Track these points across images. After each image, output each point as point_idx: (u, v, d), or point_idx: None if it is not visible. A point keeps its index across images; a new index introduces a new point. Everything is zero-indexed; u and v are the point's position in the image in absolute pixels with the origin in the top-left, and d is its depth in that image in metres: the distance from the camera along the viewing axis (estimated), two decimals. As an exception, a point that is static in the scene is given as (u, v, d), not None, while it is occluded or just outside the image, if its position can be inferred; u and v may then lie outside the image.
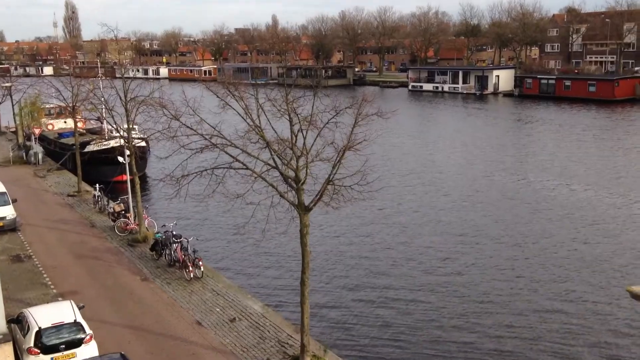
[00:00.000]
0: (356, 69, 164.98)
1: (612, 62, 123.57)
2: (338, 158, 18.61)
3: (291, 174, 18.79)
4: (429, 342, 23.13)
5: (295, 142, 18.72)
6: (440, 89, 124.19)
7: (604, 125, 76.53)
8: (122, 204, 35.16)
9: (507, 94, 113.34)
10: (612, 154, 58.89)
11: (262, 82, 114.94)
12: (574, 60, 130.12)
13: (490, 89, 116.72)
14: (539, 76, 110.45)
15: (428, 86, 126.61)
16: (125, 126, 32.55)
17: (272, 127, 19.11)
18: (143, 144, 42.45)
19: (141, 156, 44.88)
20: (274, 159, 18.68)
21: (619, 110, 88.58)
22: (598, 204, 40.83)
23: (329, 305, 26.50)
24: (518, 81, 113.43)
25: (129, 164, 32.54)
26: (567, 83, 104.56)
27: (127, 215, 34.17)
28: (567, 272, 29.49)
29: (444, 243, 34.07)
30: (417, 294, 27.43)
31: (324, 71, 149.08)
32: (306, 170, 18.62)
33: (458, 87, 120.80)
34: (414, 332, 23.95)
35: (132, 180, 33.03)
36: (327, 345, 21.03)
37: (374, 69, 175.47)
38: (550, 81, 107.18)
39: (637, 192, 43.26)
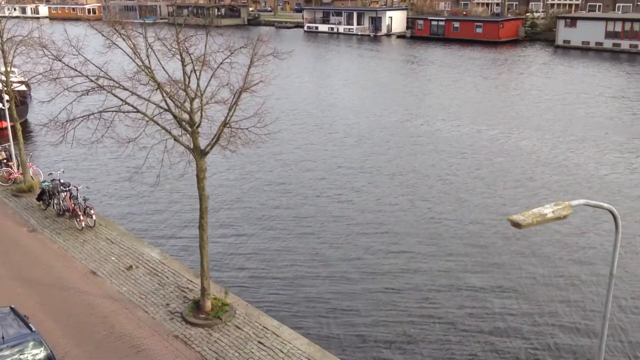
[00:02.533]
0: (250, 9, 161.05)
1: (497, 4, 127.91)
2: (234, 100, 18.22)
3: (185, 116, 18.24)
4: (324, 283, 23.73)
5: (189, 83, 18.12)
6: (335, 30, 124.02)
7: (488, 65, 79.65)
8: (3, 152, 33.04)
9: (400, 36, 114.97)
10: (495, 92, 61.65)
11: (151, 21, 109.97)
12: (462, 2, 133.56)
13: (384, 30, 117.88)
14: (429, 18, 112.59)
15: (323, 27, 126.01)
16: (3, 69, 30.25)
17: (164, 68, 18.33)
18: (23, 87, 39.85)
19: (22, 101, 41.95)
20: (166, 102, 18.00)
21: (503, 51, 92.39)
22: (484, 139, 42.84)
23: (228, 249, 26.47)
24: (410, 23, 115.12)
25: (9, 109, 30.47)
26: (456, 25, 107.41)
27: (10, 164, 32.22)
28: (457, 204, 30.99)
29: (340, 183, 34.70)
30: (313, 237, 27.91)
31: (216, 10, 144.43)
32: (201, 112, 18.12)
33: (353, 29, 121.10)
34: (311, 273, 24.46)
35: (12, 127, 30.98)
36: (228, 288, 21.08)
37: (269, 8, 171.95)
38: (440, 23, 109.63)
39: (519, 128, 45.71)
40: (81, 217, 25.51)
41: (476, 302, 22.06)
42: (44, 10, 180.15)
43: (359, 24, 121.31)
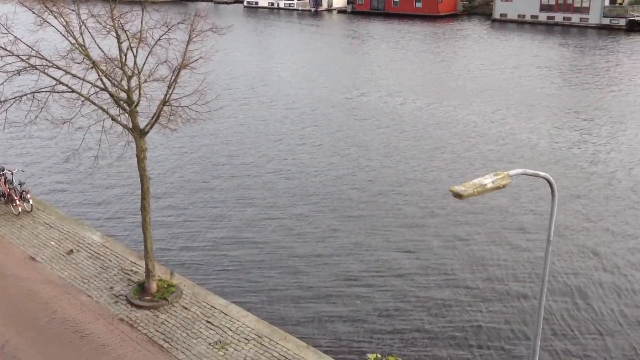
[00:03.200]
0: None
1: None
2: (173, 77, 17.83)
3: (123, 95, 17.75)
4: (270, 260, 23.77)
5: (125, 61, 17.61)
6: (275, 5, 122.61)
7: (427, 39, 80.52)
8: None
9: (341, 11, 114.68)
10: (434, 65, 62.47)
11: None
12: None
13: (325, 5, 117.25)
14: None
15: (263, 2, 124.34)
16: None
17: (98, 46, 17.72)
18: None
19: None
20: (102, 80, 17.45)
21: (442, 25, 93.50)
22: (423, 112, 43.43)
23: (172, 230, 26.13)
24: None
25: None
26: (396, 0, 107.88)
27: (-63, 148, 30.70)
28: (398, 176, 31.43)
29: (282, 158, 34.65)
30: (257, 214, 27.85)
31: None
32: (139, 91, 17.67)
33: (293, 4, 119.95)
34: (256, 251, 24.45)
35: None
36: (173, 268, 20.85)
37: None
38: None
39: (457, 100, 46.50)
40: (17, 202, 24.65)
41: (419, 270, 22.52)
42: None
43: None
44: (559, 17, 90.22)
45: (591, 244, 24.41)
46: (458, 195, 9.40)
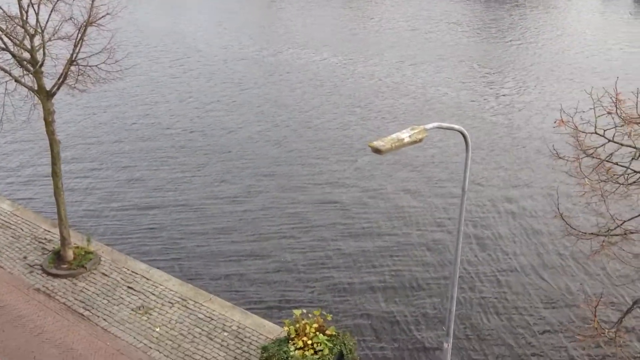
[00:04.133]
0: None
1: None
2: (79, 35, 16.95)
3: (26, 55, 16.76)
4: (188, 222, 23.50)
5: (27, 18, 16.56)
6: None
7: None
8: None
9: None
10: (345, 21, 62.39)
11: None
12: None
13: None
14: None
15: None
16: None
17: (-5, 2, 16.58)
18: None
19: None
20: (2, 40, 16.37)
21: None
22: (337, 68, 43.48)
23: (87, 195, 25.27)
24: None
25: None
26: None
27: None
28: (314, 133, 31.53)
29: (195, 115, 33.97)
30: (172, 174, 27.32)
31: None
32: (43, 50, 16.72)
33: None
34: (174, 213, 24.08)
35: None
36: (90, 235, 20.24)
37: None
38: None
39: (369, 56, 46.81)
40: None
41: (339, 225, 22.89)
42: None
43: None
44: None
45: (501, 193, 25.53)
46: (377, 150, 9.52)
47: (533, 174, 27.14)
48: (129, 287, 17.64)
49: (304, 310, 14.38)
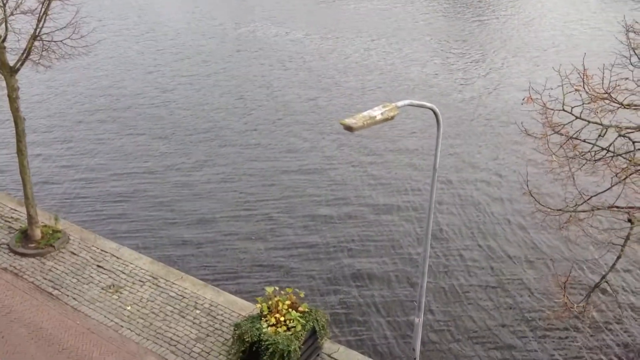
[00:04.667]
0: None
1: None
2: (43, 9, 16.48)
3: (-13, 30, 16.24)
4: (158, 198, 23.30)
5: (-13, -9, 16.04)
6: None
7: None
8: None
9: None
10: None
11: None
12: None
13: None
14: None
15: None
16: None
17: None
18: None
19: None
20: (-39, 13, 15.85)
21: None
22: (306, 45, 43.18)
23: (54, 173, 24.84)
24: None
25: None
26: None
27: None
28: (284, 110, 31.36)
29: (161, 88, 33.53)
30: (141, 148, 26.99)
31: None
32: (5, 24, 16.21)
33: None
34: (144, 190, 23.84)
35: None
36: (58, 213, 19.92)
37: None
38: None
39: (339, 33, 46.55)
40: None
41: (310, 202, 22.92)
42: None
43: None
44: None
45: (470, 169, 25.79)
46: (349, 128, 9.48)
47: (501, 151, 27.43)
48: (98, 266, 17.45)
49: (277, 288, 14.41)
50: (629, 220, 12.36)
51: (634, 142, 12.07)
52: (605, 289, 17.54)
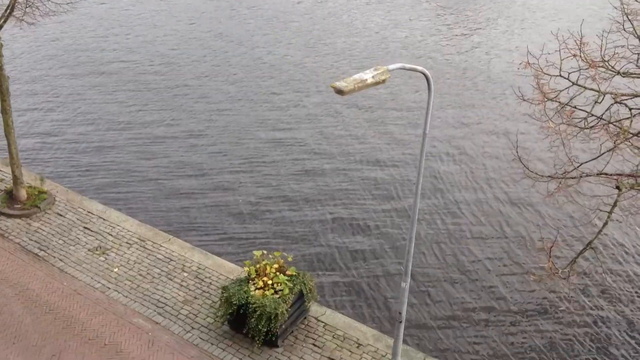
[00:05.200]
0: None
1: None
2: (25, -36, 16.00)
3: (-33, -16, 15.76)
4: (145, 161, 23.08)
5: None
6: None
7: None
8: None
9: None
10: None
11: None
12: None
13: None
14: None
15: None
16: None
17: None
18: None
19: None
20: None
21: None
22: (297, 7, 42.43)
23: (39, 133, 24.50)
24: None
25: None
26: None
27: None
28: (270, 69, 30.97)
29: (144, 49, 32.94)
30: (126, 109, 26.63)
31: None
32: (-14, -21, 15.75)
33: None
34: (131, 152, 23.61)
35: None
36: (44, 174, 19.69)
37: None
38: None
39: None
40: None
41: (299, 169, 22.80)
42: None
43: None
44: None
45: (461, 135, 25.70)
46: (339, 92, 9.30)
47: (493, 116, 27.32)
48: (85, 228, 17.33)
49: (265, 252, 14.38)
50: (617, 187, 12.37)
51: (630, 109, 12.00)
52: (592, 255, 17.69)
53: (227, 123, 25.83)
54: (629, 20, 12.47)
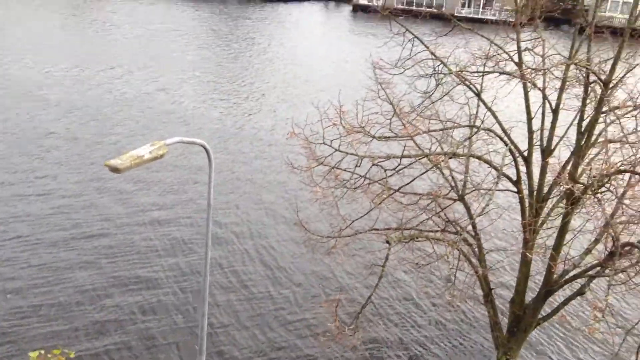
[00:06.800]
0: None
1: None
2: None
3: None
4: None
5: None
6: None
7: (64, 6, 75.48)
8: None
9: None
10: (85, 33, 58.99)
11: None
12: None
13: None
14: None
15: None
16: None
17: None
18: None
19: None
20: None
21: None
22: (69, 82, 40.73)
23: None
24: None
25: None
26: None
27: None
28: (49, 149, 29.03)
29: None
30: None
31: None
32: None
33: None
34: None
35: None
36: None
37: None
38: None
39: (101, 67, 44.68)
40: None
41: (74, 255, 21.37)
42: None
43: None
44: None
45: (242, 205, 26.21)
46: (115, 170, 9.07)
47: (273, 185, 28.29)
48: None
49: (42, 351, 12.97)
50: (387, 242, 13.42)
51: (385, 170, 13.27)
52: (373, 309, 18.76)
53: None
54: (382, 89, 13.91)
